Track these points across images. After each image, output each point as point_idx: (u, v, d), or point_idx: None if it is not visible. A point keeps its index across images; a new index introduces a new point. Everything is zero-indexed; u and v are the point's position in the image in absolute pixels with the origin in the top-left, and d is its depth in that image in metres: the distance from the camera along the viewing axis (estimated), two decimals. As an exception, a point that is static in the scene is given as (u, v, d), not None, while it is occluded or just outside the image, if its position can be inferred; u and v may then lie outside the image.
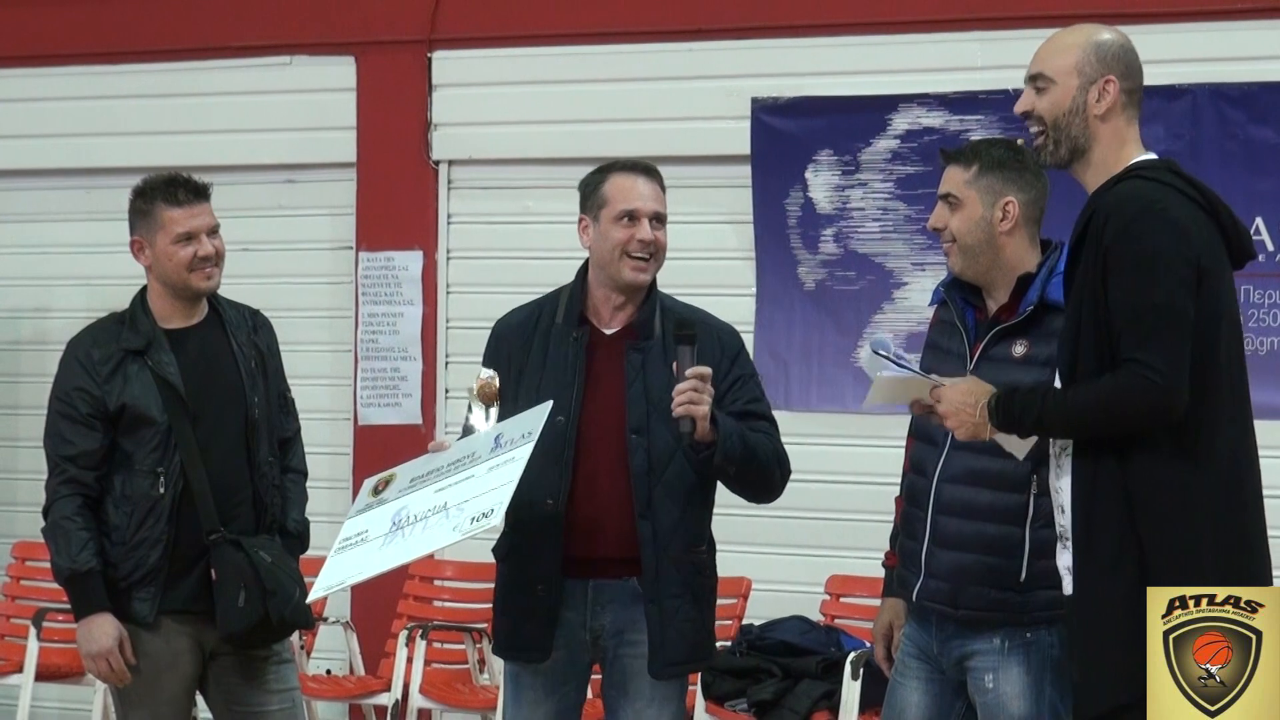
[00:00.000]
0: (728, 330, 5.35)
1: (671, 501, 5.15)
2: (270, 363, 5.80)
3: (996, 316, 5.04)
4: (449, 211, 9.10)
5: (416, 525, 4.98)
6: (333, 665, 8.93)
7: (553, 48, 8.88)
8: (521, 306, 5.41)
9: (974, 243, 5.02)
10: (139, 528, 5.56)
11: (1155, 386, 4.21)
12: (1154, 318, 4.23)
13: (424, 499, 5.04)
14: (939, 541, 5.02)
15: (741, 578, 8.00)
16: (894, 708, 5.20)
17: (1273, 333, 7.78)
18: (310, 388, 8.90)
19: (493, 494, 4.86)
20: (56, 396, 5.67)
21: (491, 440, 5.04)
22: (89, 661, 5.60)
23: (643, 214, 5.23)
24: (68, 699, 9.24)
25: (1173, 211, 4.30)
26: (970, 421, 4.50)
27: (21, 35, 9.66)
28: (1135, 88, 4.49)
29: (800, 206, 8.47)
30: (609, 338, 5.24)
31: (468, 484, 4.96)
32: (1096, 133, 4.46)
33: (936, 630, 5.08)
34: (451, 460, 5.10)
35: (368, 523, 5.13)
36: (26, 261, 9.75)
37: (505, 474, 4.89)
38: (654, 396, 5.13)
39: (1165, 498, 4.25)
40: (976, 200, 5.01)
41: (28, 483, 8.97)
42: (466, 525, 4.84)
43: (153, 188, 5.67)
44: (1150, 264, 4.25)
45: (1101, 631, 4.27)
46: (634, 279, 5.22)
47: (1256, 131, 7.81)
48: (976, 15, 8.15)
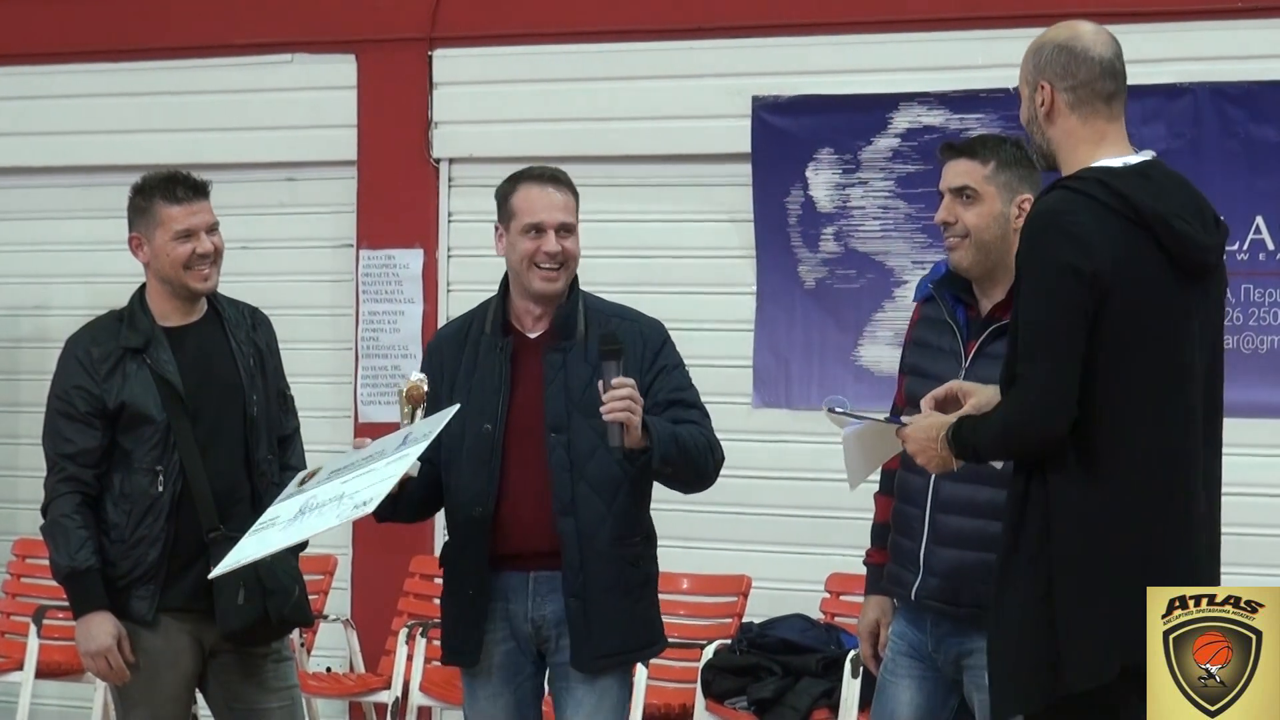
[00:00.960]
0: (651, 324, 5.39)
1: (596, 496, 5.22)
2: (269, 361, 5.80)
3: (993, 313, 5.04)
4: (449, 209, 9.11)
5: (312, 511, 5.12)
6: (333, 663, 8.93)
7: (553, 46, 8.88)
8: (455, 319, 5.52)
9: (990, 239, 5.01)
10: (138, 526, 5.56)
11: (1032, 402, 4.23)
12: (1034, 334, 4.25)
13: (330, 489, 5.16)
14: (938, 540, 5.02)
15: (742, 576, 8.01)
16: (885, 706, 5.20)
17: (1273, 332, 7.77)
18: (311, 386, 8.90)
19: (377, 486, 4.98)
20: (55, 394, 5.66)
21: (400, 438, 5.14)
22: (88, 660, 5.60)
23: (548, 226, 5.27)
24: (68, 696, 9.25)
25: (1077, 224, 4.26)
26: (937, 455, 4.50)
27: (21, 32, 9.66)
28: (1080, 84, 4.42)
29: (801, 205, 8.47)
30: (532, 342, 5.33)
31: (366, 476, 5.08)
32: (1052, 137, 4.46)
33: (933, 628, 5.08)
34: (364, 456, 5.20)
35: (279, 509, 5.26)
36: (26, 259, 9.76)
37: (396, 468, 5.01)
38: (574, 394, 5.21)
39: (1068, 513, 4.26)
40: (996, 196, 5.01)
41: (28, 480, 8.96)
42: (347, 512, 4.99)
43: (152, 185, 5.67)
44: (1042, 279, 4.25)
45: (1015, 642, 4.31)
46: (544, 289, 5.28)
47: (1257, 130, 7.81)
48: (977, 14, 8.14)
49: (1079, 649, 4.24)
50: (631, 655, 5.40)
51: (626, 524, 5.28)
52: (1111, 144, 4.44)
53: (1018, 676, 4.32)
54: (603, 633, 5.23)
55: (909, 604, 5.12)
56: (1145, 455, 4.30)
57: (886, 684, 5.20)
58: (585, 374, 5.23)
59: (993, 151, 5.06)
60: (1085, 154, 4.41)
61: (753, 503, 8.43)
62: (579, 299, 5.35)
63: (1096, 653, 4.24)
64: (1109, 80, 4.44)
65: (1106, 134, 4.44)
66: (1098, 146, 4.42)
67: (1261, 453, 7.82)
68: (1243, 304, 7.79)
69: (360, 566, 9.09)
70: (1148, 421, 4.31)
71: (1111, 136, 4.44)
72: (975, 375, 4.85)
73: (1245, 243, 7.81)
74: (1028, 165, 5.02)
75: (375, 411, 9.10)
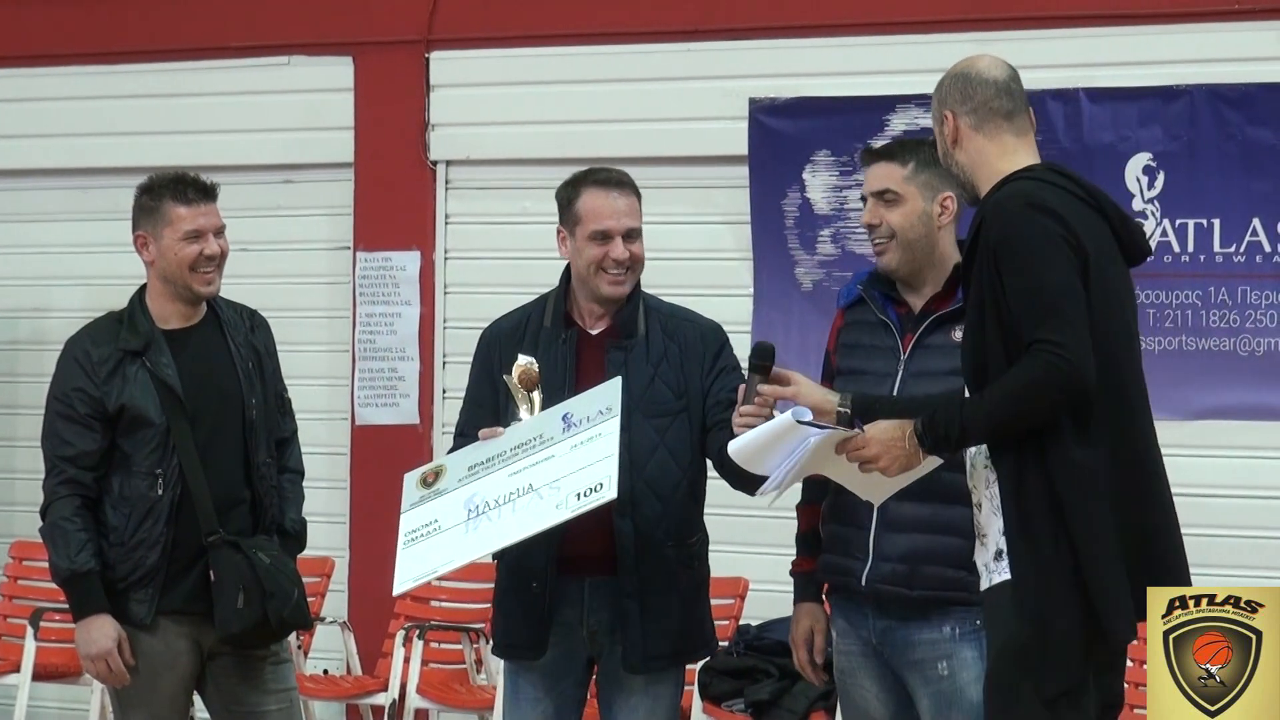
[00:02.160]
0: (710, 325, 5.42)
1: (654, 496, 5.19)
2: (267, 363, 5.79)
3: (928, 308, 5.08)
4: (446, 212, 9.11)
5: (502, 509, 5.01)
6: (330, 665, 8.93)
7: (550, 48, 8.88)
8: (509, 314, 5.46)
9: (915, 237, 5.07)
10: (137, 529, 5.55)
11: (1061, 360, 4.25)
12: (1047, 296, 4.29)
13: (497, 484, 5.06)
14: (889, 525, 5.00)
15: (739, 578, 8.00)
16: (855, 710, 5.18)
17: (1270, 334, 7.78)
18: (308, 388, 8.91)
19: (595, 468, 4.91)
20: (55, 397, 5.66)
21: (559, 420, 5.08)
22: (87, 663, 5.58)
23: (615, 232, 5.25)
24: (65, 699, 9.24)
25: (1050, 202, 4.37)
26: (902, 454, 4.52)
27: (19, 35, 9.66)
28: (978, 105, 4.55)
29: (798, 207, 8.48)
30: (595, 338, 5.30)
31: (551, 464, 5.00)
32: (963, 162, 4.58)
33: (875, 620, 5.06)
34: (516, 444, 5.12)
35: (434, 513, 5.14)
36: (24, 261, 9.76)
37: (599, 449, 4.94)
38: (635, 393, 5.18)
39: (1074, 477, 4.30)
40: (918, 195, 5.08)
41: (26, 482, 8.97)
42: (574, 502, 4.90)
43: (161, 184, 5.67)
44: (1037, 249, 4.31)
45: (1055, 619, 4.30)
46: (612, 293, 5.27)
47: (1254, 132, 7.82)
48: (973, 16, 8.15)
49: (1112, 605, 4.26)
50: (685, 658, 5.35)
51: (683, 524, 5.26)
52: (1025, 157, 4.55)
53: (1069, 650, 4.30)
54: (657, 634, 5.19)
55: (852, 595, 5.09)
56: (1131, 415, 4.40)
57: (849, 688, 5.17)
58: (647, 374, 5.21)
59: (911, 153, 5.14)
60: (1000, 168, 4.52)
61: (750, 505, 8.38)
62: (639, 299, 5.33)
63: (1126, 606, 4.27)
64: (1005, 99, 4.56)
65: (1018, 148, 4.56)
66: (1011, 159, 4.54)
67: (1258, 455, 7.82)
68: (1239, 306, 7.80)
69: (357, 569, 9.09)
70: (1127, 384, 4.40)
71: (1023, 150, 4.56)
72: (914, 367, 4.96)
73: (1242, 245, 7.82)
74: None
75: (372, 414, 9.10)
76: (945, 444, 4.48)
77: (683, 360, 5.25)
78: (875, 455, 4.57)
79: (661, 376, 5.23)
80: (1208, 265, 7.87)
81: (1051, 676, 4.31)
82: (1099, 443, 4.32)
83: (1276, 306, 7.77)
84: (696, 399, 5.24)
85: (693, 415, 5.23)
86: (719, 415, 5.18)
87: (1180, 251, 7.88)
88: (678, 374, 5.24)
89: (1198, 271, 7.88)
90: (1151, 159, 7.95)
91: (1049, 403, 4.28)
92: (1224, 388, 7.82)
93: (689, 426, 5.23)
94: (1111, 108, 7.97)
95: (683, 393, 5.23)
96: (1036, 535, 4.33)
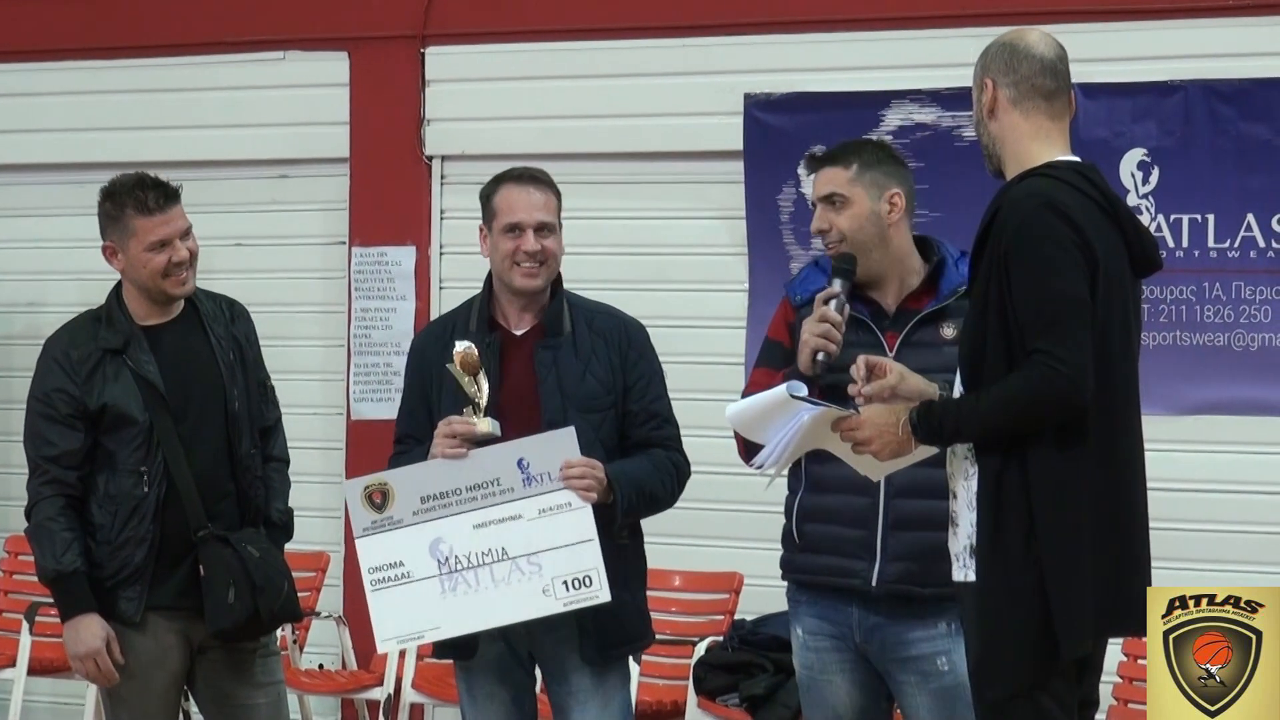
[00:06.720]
0: (634, 323, 5.50)
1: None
2: (249, 352, 5.77)
3: (907, 304, 5.07)
4: (442, 207, 9.10)
5: (479, 573, 5.16)
6: (325, 660, 8.93)
7: (546, 43, 8.88)
8: (435, 320, 5.61)
9: (866, 238, 5.08)
10: (124, 527, 5.55)
11: (1059, 375, 4.26)
12: (1054, 307, 4.29)
13: (462, 534, 5.20)
14: (898, 524, 5.02)
15: (734, 573, 8.01)
16: (822, 704, 5.18)
17: (1265, 329, 7.78)
18: (302, 383, 8.92)
19: (577, 552, 5.13)
20: (35, 397, 5.66)
21: (514, 465, 5.19)
22: (76, 663, 5.58)
23: (527, 225, 5.37)
24: (60, 693, 9.24)
25: (1067, 206, 4.35)
26: (894, 440, 4.54)
27: (14, 30, 9.65)
28: (1020, 80, 4.53)
29: (793, 202, 8.47)
30: (520, 338, 5.39)
31: (520, 527, 5.17)
32: (994, 133, 4.56)
33: (860, 617, 5.07)
34: (471, 483, 5.23)
35: (396, 551, 5.27)
36: (20, 256, 9.74)
37: (574, 527, 5.14)
38: (568, 390, 5.29)
39: (1051, 488, 4.31)
40: (863, 195, 5.09)
41: (20, 477, 8.84)
42: (564, 593, 5.14)
43: (122, 192, 5.65)
44: (1049, 256, 4.31)
45: (1008, 621, 4.32)
46: (525, 285, 5.36)
47: (1248, 128, 7.82)
48: (969, 11, 8.14)
49: (1070, 620, 4.28)
50: (633, 646, 5.45)
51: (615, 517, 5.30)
52: (1056, 143, 4.53)
53: (1013, 654, 4.33)
54: (605, 624, 5.27)
55: (837, 593, 5.09)
56: (1117, 432, 4.39)
57: (816, 682, 5.18)
58: (578, 369, 5.31)
59: (854, 154, 5.14)
60: (1029, 149, 4.50)
61: (745, 499, 8.41)
62: (563, 297, 5.43)
63: (1084, 622, 4.29)
64: (1049, 78, 4.54)
65: (1050, 132, 4.53)
66: (1042, 143, 4.52)
67: (1253, 450, 7.83)
68: (1234, 301, 7.81)
69: (353, 563, 9.04)
70: (1118, 399, 4.40)
71: (1055, 136, 4.54)
72: (905, 364, 4.92)
73: (1236, 240, 7.82)
74: (893, 162, 5.14)
75: (367, 409, 9.09)
76: (937, 437, 4.50)
77: (609, 355, 5.35)
78: (868, 438, 4.59)
79: (592, 372, 5.33)
80: (1202, 261, 7.88)
81: (997, 681, 4.35)
82: (1083, 457, 4.32)
83: (1271, 302, 7.78)
84: (622, 393, 5.34)
85: (618, 408, 5.34)
86: (634, 427, 5.33)
87: (1175, 247, 7.88)
88: (606, 369, 5.35)
89: (1192, 267, 7.89)
90: (1146, 154, 7.95)
91: (1042, 415, 4.30)
92: (1218, 383, 7.82)
93: (617, 419, 5.34)
94: (1106, 103, 7.97)
95: (612, 388, 5.34)
96: (1007, 547, 4.35)
